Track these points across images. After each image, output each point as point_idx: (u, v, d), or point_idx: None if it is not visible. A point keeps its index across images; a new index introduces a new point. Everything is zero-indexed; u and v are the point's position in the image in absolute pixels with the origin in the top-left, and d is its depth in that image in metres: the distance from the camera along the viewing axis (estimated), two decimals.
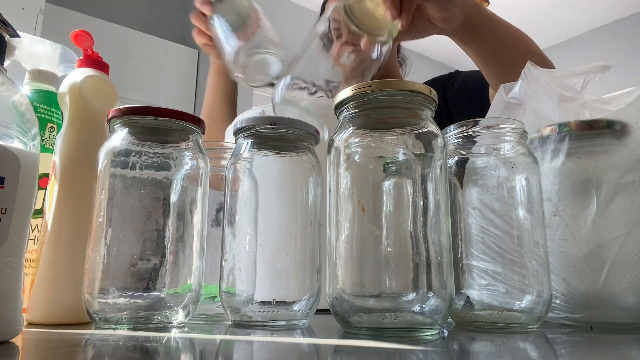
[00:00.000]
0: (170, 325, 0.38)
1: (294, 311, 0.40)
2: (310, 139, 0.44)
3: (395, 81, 0.37)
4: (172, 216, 0.40)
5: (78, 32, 0.47)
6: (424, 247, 0.35)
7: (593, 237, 0.41)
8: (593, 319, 0.41)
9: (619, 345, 0.34)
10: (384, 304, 0.35)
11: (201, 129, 0.43)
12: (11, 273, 0.30)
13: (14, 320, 0.30)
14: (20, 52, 0.51)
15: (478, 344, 0.34)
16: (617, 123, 0.43)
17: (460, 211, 0.43)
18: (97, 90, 0.46)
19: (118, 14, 2.82)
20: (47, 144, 0.49)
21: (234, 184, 0.43)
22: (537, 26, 3.91)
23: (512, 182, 0.42)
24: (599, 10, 3.69)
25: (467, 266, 0.41)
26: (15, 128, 0.32)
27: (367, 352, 0.29)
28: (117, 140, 0.40)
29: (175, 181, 0.41)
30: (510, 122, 0.43)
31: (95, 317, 0.37)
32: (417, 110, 0.38)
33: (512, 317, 0.39)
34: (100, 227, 0.38)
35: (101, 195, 0.39)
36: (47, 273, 0.41)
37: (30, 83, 0.50)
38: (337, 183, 0.38)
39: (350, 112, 0.39)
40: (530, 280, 0.39)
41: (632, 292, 0.40)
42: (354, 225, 0.37)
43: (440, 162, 0.37)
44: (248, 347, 0.33)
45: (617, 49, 3.66)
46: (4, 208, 0.30)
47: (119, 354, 0.28)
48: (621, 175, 0.42)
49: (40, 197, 0.47)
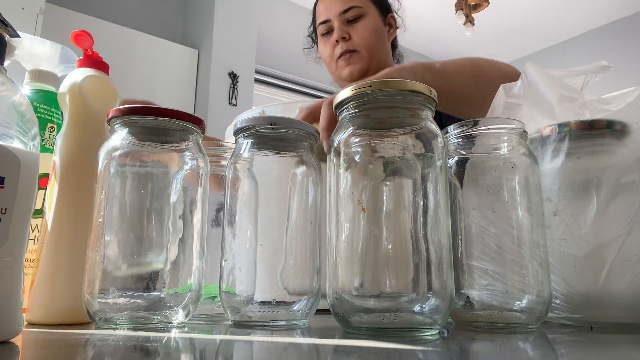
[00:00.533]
0: (170, 325, 0.38)
1: (294, 311, 0.40)
2: (310, 139, 0.44)
3: (395, 81, 0.37)
4: (172, 216, 0.40)
5: (78, 32, 0.47)
6: (424, 247, 0.35)
7: (593, 237, 0.41)
8: (593, 319, 0.41)
9: (619, 345, 0.34)
10: (384, 304, 0.35)
11: (201, 129, 0.43)
12: (11, 273, 0.30)
13: (14, 320, 0.30)
14: (20, 52, 0.51)
15: (478, 344, 0.34)
16: (617, 123, 0.43)
17: (460, 211, 0.43)
18: (97, 90, 0.46)
19: (118, 14, 2.82)
20: (47, 144, 0.49)
21: (234, 184, 0.43)
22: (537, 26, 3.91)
23: (512, 182, 0.42)
24: (599, 10, 3.69)
25: (467, 266, 0.41)
26: (15, 128, 0.32)
27: (367, 352, 0.29)
28: (117, 140, 0.40)
29: (175, 181, 0.41)
30: (510, 122, 0.43)
31: (95, 317, 0.37)
32: (417, 110, 0.38)
33: (512, 317, 0.39)
34: (100, 227, 0.38)
35: (101, 195, 0.39)
36: (47, 273, 0.41)
37: (30, 83, 0.50)
38: (337, 183, 0.38)
39: (350, 112, 0.39)
40: (530, 280, 0.39)
41: (632, 292, 0.40)
42: (354, 225, 0.37)
43: (440, 162, 0.37)
44: (248, 347, 0.33)
45: (617, 49, 3.66)
46: (4, 208, 0.30)
47: (119, 354, 0.28)
48: (621, 175, 0.42)
49: (40, 197, 0.47)
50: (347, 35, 1.05)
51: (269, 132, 0.43)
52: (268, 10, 3.40)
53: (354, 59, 1.05)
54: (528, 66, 0.51)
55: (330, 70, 1.12)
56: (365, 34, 1.05)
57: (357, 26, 1.05)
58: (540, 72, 0.50)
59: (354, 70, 1.05)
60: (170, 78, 2.80)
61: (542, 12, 3.72)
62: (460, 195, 0.43)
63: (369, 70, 1.05)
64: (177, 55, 2.85)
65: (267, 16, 3.39)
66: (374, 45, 1.05)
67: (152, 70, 2.72)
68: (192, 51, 2.92)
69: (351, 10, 1.04)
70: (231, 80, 2.86)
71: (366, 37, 1.04)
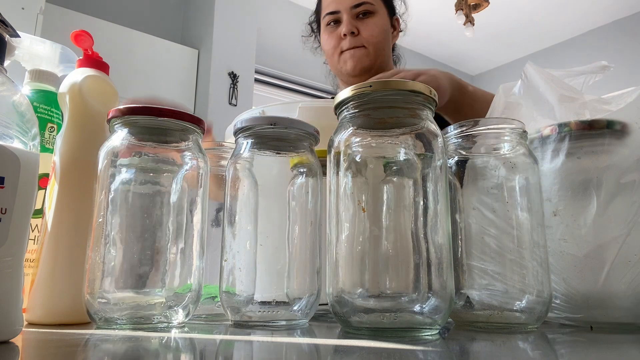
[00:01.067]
0: (170, 325, 0.38)
1: (294, 311, 0.40)
2: (310, 139, 0.44)
3: (395, 81, 0.37)
4: (172, 216, 0.40)
5: (78, 32, 0.47)
6: (424, 247, 0.35)
7: (593, 237, 0.41)
8: (593, 319, 0.41)
9: (619, 345, 0.34)
10: (384, 304, 0.35)
11: (201, 129, 0.43)
12: (11, 273, 0.30)
13: (14, 320, 0.30)
14: (20, 52, 0.51)
15: (478, 344, 0.34)
16: (617, 123, 0.43)
17: (460, 211, 0.43)
18: (97, 90, 0.46)
19: (118, 14, 2.81)
20: (47, 144, 0.49)
21: (234, 184, 0.43)
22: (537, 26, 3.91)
23: (512, 182, 0.42)
24: (599, 10, 3.68)
25: (467, 266, 0.41)
26: (15, 128, 0.32)
27: (367, 352, 0.29)
28: (117, 140, 0.40)
29: (175, 181, 0.41)
30: (510, 122, 0.43)
31: (95, 317, 0.37)
32: (417, 110, 0.38)
33: (512, 317, 0.39)
34: (100, 227, 0.38)
35: (101, 195, 0.39)
36: (47, 273, 0.41)
37: (30, 83, 0.50)
38: (337, 183, 0.38)
39: (350, 112, 0.39)
40: (530, 280, 0.39)
41: (632, 292, 0.40)
42: (354, 225, 0.37)
43: (440, 162, 0.37)
44: (248, 347, 0.33)
45: (617, 49, 3.66)
46: (4, 208, 0.30)
47: (119, 354, 0.28)
48: (621, 175, 0.42)
49: (40, 197, 0.47)
50: (355, 30, 1.03)
51: (269, 132, 0.43)
52: (268, 10, 3.40)
53: (360, 54, 1.04)
54: (528, 66, 0.51)
55: (331, 62, 1.10)
56: (375, 32, 1.04)
57: (367, 22, 1.04)
58: (540, 72, 0.50)
59: (357, 66, 1.04)
60: (170, 78, 2.80)
61: (542, 12, 3.72)
62: (460, 195, 0.43)
63: (372, 67, 1.05)
64: (177, 55, 2.85)
65: (267, 16, 3.39)
66: (381, 44, 1.05)
67: (152, 70, 2.72)
68: (192, 51, 2.92)
69: (363, 6, 1.03)
70: (231, 80, 2.86)
71: (375, 35, 1.04)
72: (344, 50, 1.05)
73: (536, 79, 0.50)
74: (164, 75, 2.77)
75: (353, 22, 1.04)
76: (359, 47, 1.04)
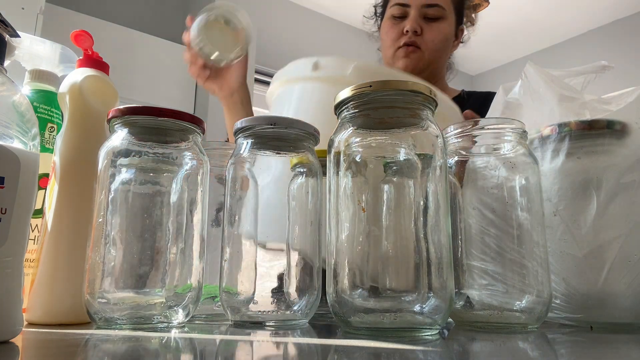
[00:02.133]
0: (170, 325, 0.38)
1: (294, 311, 0.40)
2: (310, 139, 0.44)
3: (395, 81, 0.37)
4: (172, 216, 0.40)
5: (78, 32, 0.47)
6: (424, 247, 0.35)
7: (593, 237, 0.41)
8: (593, 319, 0.41)
9: (619, 345, 0.34)
10: (384, 304, 0.35)
11: (201, 129, 0.43)
12: (11, 273, 0.30)
13: (14, 320, 0.30)
14: (20, 52, 0.51)
15: (478, 344, 0.34)
16: (617, 123, 0.43)
17: (460, 211, 0.43)
18: (97, 90, 0.46)
19: (118, 14, 2.81)
20: (47, 144, 0.49)
21: (234, 184, 0.43)
22: (537, 26, 3.91)
23: (512, 182, 0.42)
24: (599, 10, 3.68)
25: (467, 266, 0.41)
26: (15, 128, 0.32)
27: (367, 352, 0.29)
28: (117, 140, 0.40)
29: (175, 181, 0.41)
30: (510, 122, 0.43)
31: (95, 317, 0.37)
32: (417, 110, 0.38)
33: (512, 317, 0.39)
34: (100, 227, 0.38)
35: (101, 195, 0.39)
36: (47, 273, 0.41)
37: (30, 83, 0.50)
38: (337, 183, 0.38)
39: (350, 112, 0.39)
40: (530, 280, 0.39)
41: (632, 292, 0.40)
42: (354, 225, 0.37)
43: (440, 162, 0.37)
44: (248, 347, 0.33)
45: (617, 49, 3.66)
46: (4, 208, 0.30)
47: (119, 354, 0.28)
48: (621, 175, 0.42)
49: (40, 197, 0.47)
50: (419, 30, 1.00)
51: (269, 132, 0.43)
52: (268, 10, 3.40)
53: (415, 55, 1.01)
54: (528, 66, 0.51)
55: (385, 53, 1.07)
56: (437, 38, 1.01)
57: (433, 26, 1.01)
58: (540, 72, 0.50)
59: (409, 66, 1.01)
60: (170, 78, 2.80)
61: (542, 12, 3.72)
62: (460, 195, 0.43)
63: (423, 72, 1.02)
64: (177, 55, 2.84)
65: (267, 16, 3.39)
66: (439, 52, 1.02)
67: (152, 70, 2.72)
68: None
69: (435, 8, 1.00)
70: None
71: (436, 41, 1.01)
72: (401, 47, 1.01)
73: (536, 79, 0.50)
74: (164, 75, 2.77)
75: (419, 21, 1.00)
76: (416, 49, 1.00)
